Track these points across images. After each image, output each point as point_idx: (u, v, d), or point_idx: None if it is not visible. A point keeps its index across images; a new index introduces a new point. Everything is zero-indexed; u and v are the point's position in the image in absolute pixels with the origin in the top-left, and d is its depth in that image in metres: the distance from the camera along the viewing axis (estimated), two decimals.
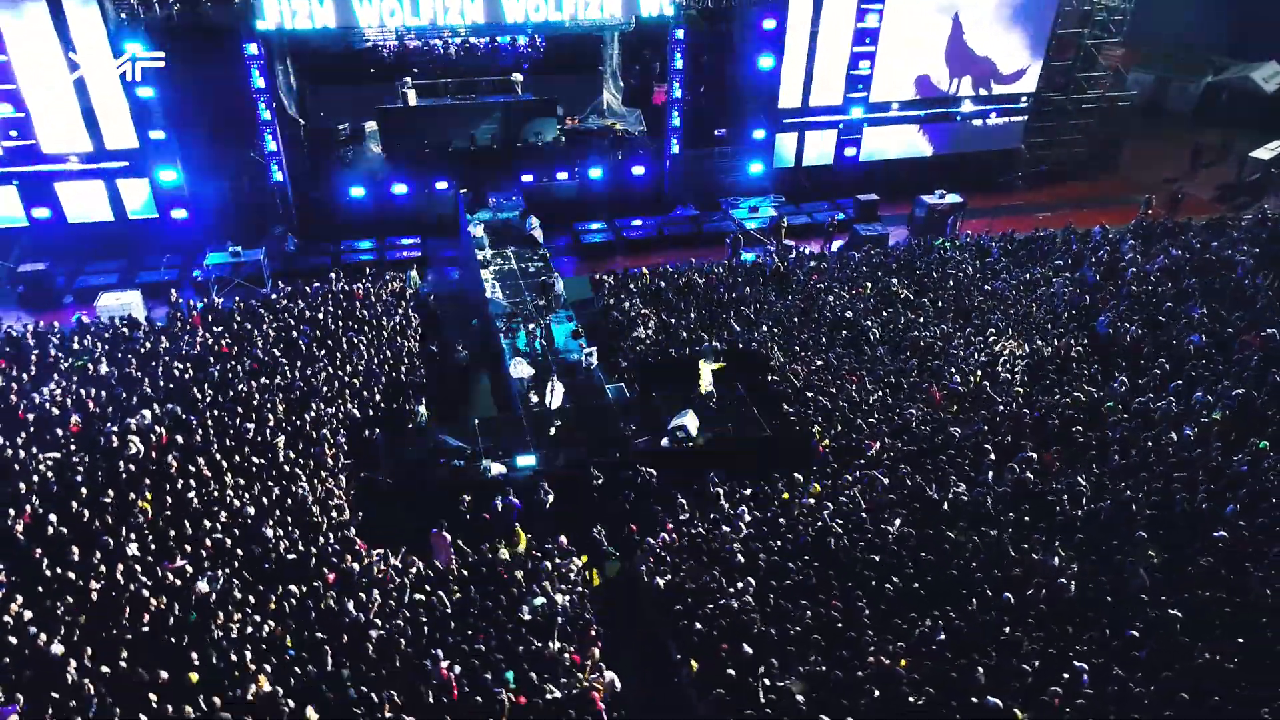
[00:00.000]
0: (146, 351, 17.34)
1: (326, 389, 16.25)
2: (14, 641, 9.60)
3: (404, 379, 17.62)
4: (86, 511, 11.82)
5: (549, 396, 17.00)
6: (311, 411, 15.40)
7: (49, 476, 12.61)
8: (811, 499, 13.77)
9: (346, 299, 20.27)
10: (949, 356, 18.39)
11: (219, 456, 13.62)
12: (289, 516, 12.78)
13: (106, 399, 15.20)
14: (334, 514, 13.28)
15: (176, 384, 15.83)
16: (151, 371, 16.27)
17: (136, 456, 13.19)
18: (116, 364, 16.75)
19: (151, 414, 14.36)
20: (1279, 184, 30.33)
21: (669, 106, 27.55)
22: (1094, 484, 13.04)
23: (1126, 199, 28.98)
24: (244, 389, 15.64)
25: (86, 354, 17.09)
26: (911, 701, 9.31)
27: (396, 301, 20.91)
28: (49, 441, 13.65)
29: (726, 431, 16.05)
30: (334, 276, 21.46)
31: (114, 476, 12.68)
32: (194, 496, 12.60)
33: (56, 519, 11.57)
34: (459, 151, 27.47)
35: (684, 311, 20.80)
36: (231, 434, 14.30)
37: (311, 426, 15.04)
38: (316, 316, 19.08)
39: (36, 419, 14.42)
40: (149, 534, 11.77)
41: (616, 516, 14.07)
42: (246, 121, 24.30)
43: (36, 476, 12.54)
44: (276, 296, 20.44)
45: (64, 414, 14.52)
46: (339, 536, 12.64)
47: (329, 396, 16.08)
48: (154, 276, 23.86)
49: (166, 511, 12.25)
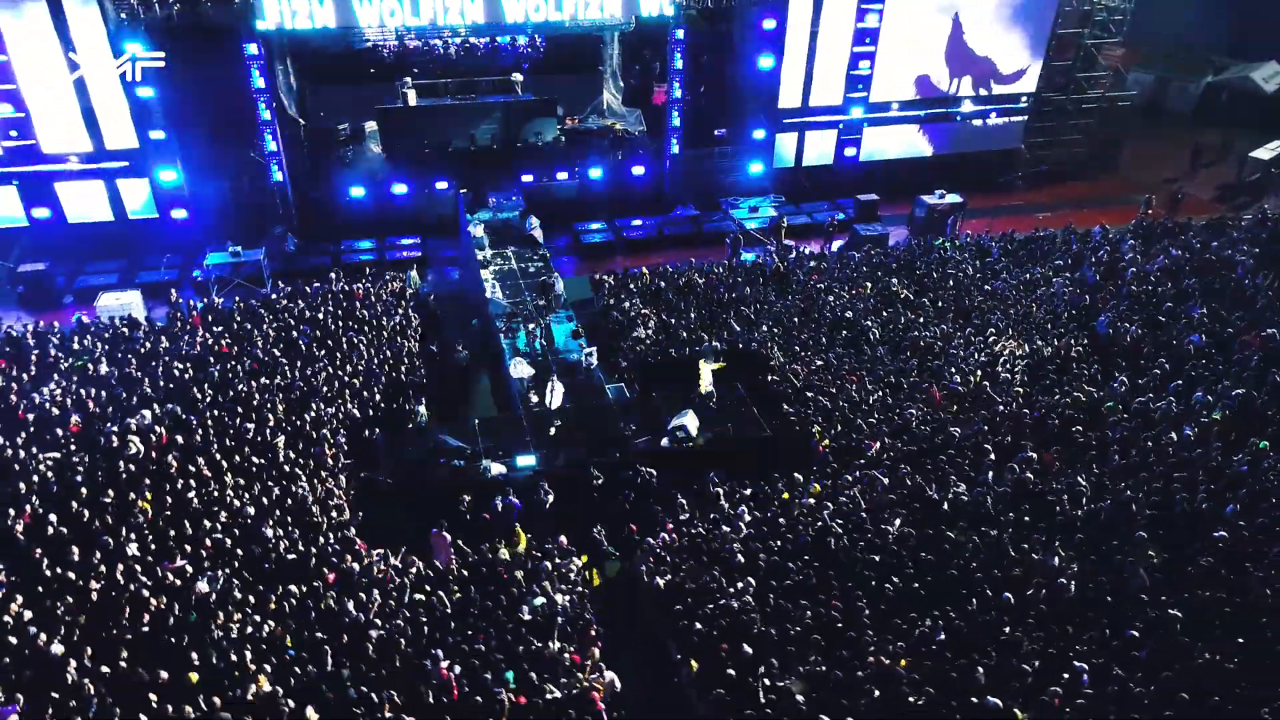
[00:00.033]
0: (146, 351, 17.34)
1: (326, 389, 16.25)
2: (14, 641, 9.59)
3: (404, 379, 17.62)
4: (86, 511, 11.82)
5: (549, 396, 17.01)
6: (311, 411, 15.40)
7: (49, 476, 12.61)
8: (811, 499, 13.77)
9: (346, 299, 20.27)
10: (949, 356, 18.39)
11: (219, 456, 13.62)
12: (289, 516, 12.78)
13: (106, 399, 15.20)
14: (334, 514, 13.28)
15: (176, 384, 15.83)
16: (151, 371, 16.27)
17: (136, 456, 13.19)
18: (116, 364, 16.74)
19: (151, 414, 14.36)
20: (1279, 184, 30.33)
21: (669, 106, 27.54)
22: (1094, 484, 13.04)
23: (1127, 199, 28.97)
24: (244, 389, 15.64)
25: (86, 354, 17.09)
26: (911, 701, 9.31)
27: (396, 301, 20.90)
28: (49, 441, 13.65)
29: (726, 431, 16.06)
30: (334, 276, 21.46)
31: (114, 476, 12.67)
32: (194, 496, 12.60)
33: (56, 519, 11.57)
34: (459, 151, 27.46)
35: (684, 311, 20.79)
36: (231, 434, 14.30)
37: (311, 426, 15.05)
38: (316, 316, 19.08)
39: (36, 419, 14.42)
40: (149, 534, 11.77)
41: (616, 516, 14.06)
42: (247, 121, 24.30)
43: (36, 476, 12.54)
44: (276, 296, 20.44)
45: (64, 414, 14.52)
46: (339, 536, 12.64)
47: (329, 396, 16.08)
48: (154, 276, 23.86)
49: (166, 511, 12.24)
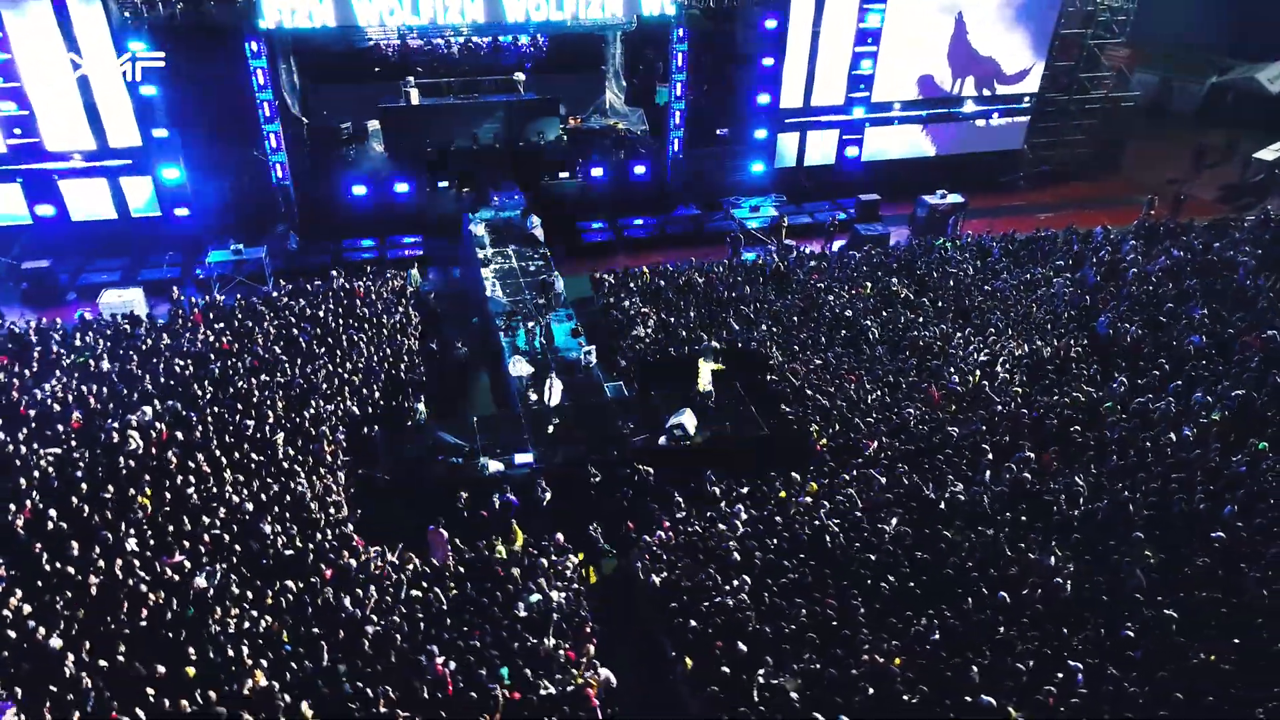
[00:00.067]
0: (148, 348, 17.42)
1: (326, 386, 16.30)
2: (13, 635, 9.65)
3: (403, 376, 17.66)
4: (86, 507, 11.88)
5: (547, 393, 17.05)
6: (311, 409, 15.45)
7: (50, 472, 12.67)
8: (808, 498, 13.78)
9: (347, 297, 20.33)
10: (948, 356, 18.37)
11: (218, 453, 13.67)
12: (287, 513, 12.82)
13: (107, 395, 15.27)
14: (332, 510, 13.33)
15: (177, 381, 15.90)
16: (152, 368, 16.33)
17: (136, 452, 13.25)
18: (118, 360, 16.82)
19: (152, 410, 14.43)
20: None
21: (671, 106, 27.56)
22: (1091, 484, 13.03)
23: (1129, 200, 28.89)
24: (244, 386, 15.70)
25: (88, 350, 17.17)
26: (905, 700, 9.32)
27: (397, 299, 20.96)
28: (50, 437, 13.73)
29: (725, 430, 16.07)
30: (334, 274, 21.53)
31: (114, 472, 12.73)
32: (193, 492, 12.66)
33: (57, 514, 11.62)
34: (461, 150, 27.51)
35: (683, 310, 20.81)
36: (231, 431, 14.36)
37: (311, 423, 15.09)
38: (317, 314, 19.15)
39: (38, 415, 14.50)
40: (148, 529, 11.83)
41: (613, 514, 14.09)
42: (249, 120, 24.33)
43: (37, 472, 12.60)
44: (278, 294, 20.51)
45: (65, 410, 14.59)
46: (337, 533, 12.70)
47: (328, 394, 16.13)
48: (156, 274, 23.92)
49: (166, 507, 12.30)
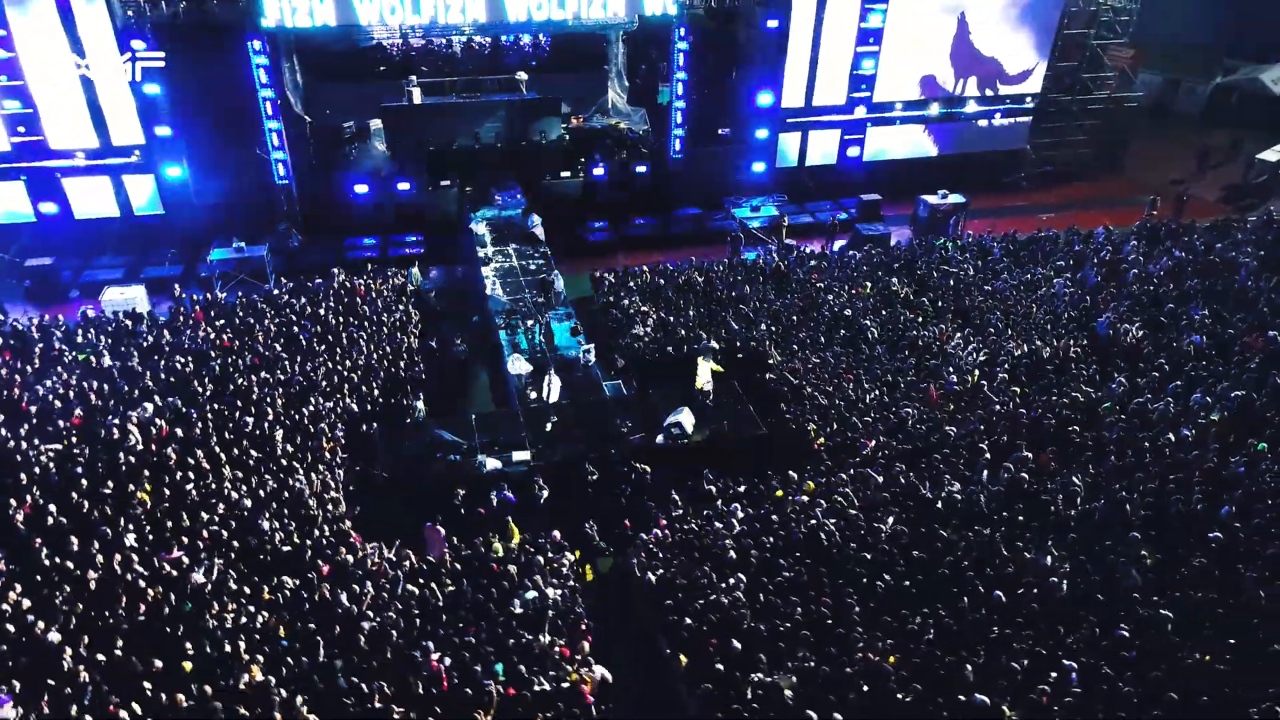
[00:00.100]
0: (149, 345, 17.49)
1: (326, 384, 16.36)
2: (12, 629, 9.70)
3: (403, 374, 17.72)
4: (86, 502, 11.93)
5: (546, 390, 17.08)
6: (311, 406, 15.51)
7: (50, 468, 12.73)
8: (805, 496, 13.79)
9: (348, 294, 20.39)
10: (947, 356, 18.36)
11: (218, 449, 13.73)
12: (285, 509, 12.87)
13: (108, 392, 15.34)
14: (330, 507, 13.39)
15: (178, 377, 15.96)
16: (153, 365, 16.40)
17: (136, 448, 13.32)
18: (119, 357, 16.90)
19: (153, 407, 14.49)
20: None
21: (672, 105, 27.57)
22: (1089, 484, 13.00)
23: (1132, 200, 28.81)
24: (244, 383, 15.76)
25: (90, 347, 17.25)
26: (900, 698, 9.32)
27: (397, 297, 21.02)
28: (50, 433, 13.79)
29: (723, 429, 16.09)
30: (335, 272, 21.58)
31: (114, 468, 12.79)
32: (192, 489, 12.71)
33: (56, 509, 11.68)
34: (463, 149, 27.55)
35: (683, 309, 20.82)
36: (231, 427, 14.42)
37: (310, 420, 15.15)
38: (317, 312, 19.21)
39: (39, 411, 14.57)
40: (147, 525, 11.88)
41: (610, 512, 14.12)
42: (252, 118, 24.44)
43: (38, 468, 12.67)
44: (279, 292, 20.58)
45: (66, 406, 14.67)
46: (334, 529, 12.74)
47: (328, 391, 16.19)
48: (159, 272, 24.03)
49: (165, 503, 12.35)
